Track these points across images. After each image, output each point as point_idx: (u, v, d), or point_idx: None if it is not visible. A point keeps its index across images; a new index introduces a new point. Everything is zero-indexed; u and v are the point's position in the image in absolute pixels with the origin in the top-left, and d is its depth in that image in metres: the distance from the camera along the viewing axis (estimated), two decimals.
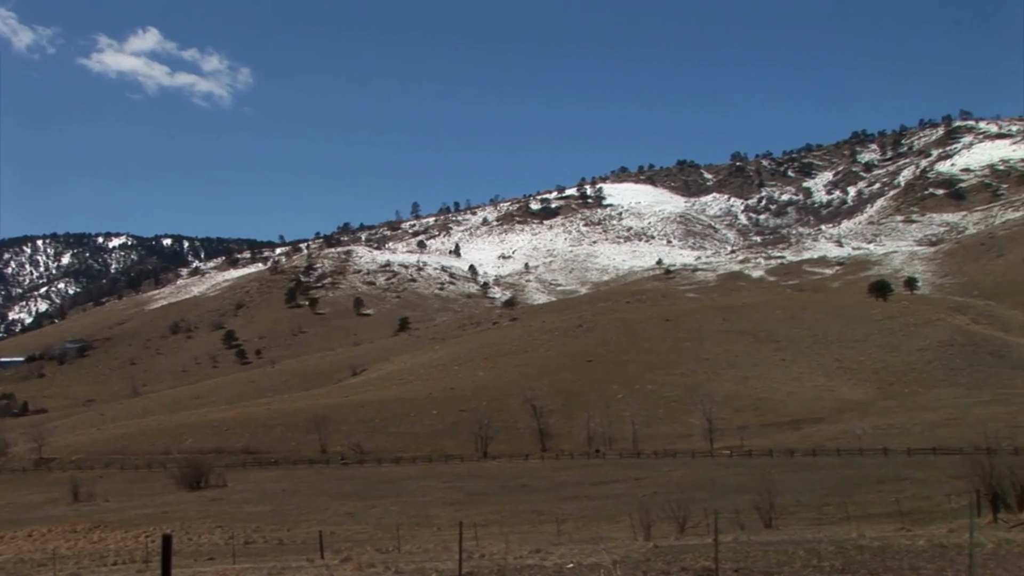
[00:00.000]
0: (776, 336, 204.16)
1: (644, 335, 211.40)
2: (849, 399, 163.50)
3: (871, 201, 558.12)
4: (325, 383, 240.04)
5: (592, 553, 31.30)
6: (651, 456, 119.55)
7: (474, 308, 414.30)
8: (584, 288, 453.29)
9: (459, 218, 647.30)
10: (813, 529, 45.35)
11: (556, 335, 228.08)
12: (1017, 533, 32.70)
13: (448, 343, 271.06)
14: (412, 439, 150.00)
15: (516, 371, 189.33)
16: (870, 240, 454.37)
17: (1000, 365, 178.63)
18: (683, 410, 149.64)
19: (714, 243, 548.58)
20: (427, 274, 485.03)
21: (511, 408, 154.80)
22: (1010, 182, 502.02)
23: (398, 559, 35.66)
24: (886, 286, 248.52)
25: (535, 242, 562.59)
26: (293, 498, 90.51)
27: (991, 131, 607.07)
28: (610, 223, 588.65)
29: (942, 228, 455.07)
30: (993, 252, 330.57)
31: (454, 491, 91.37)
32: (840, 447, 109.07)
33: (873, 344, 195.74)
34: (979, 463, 49.14)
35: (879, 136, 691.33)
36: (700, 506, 56.93)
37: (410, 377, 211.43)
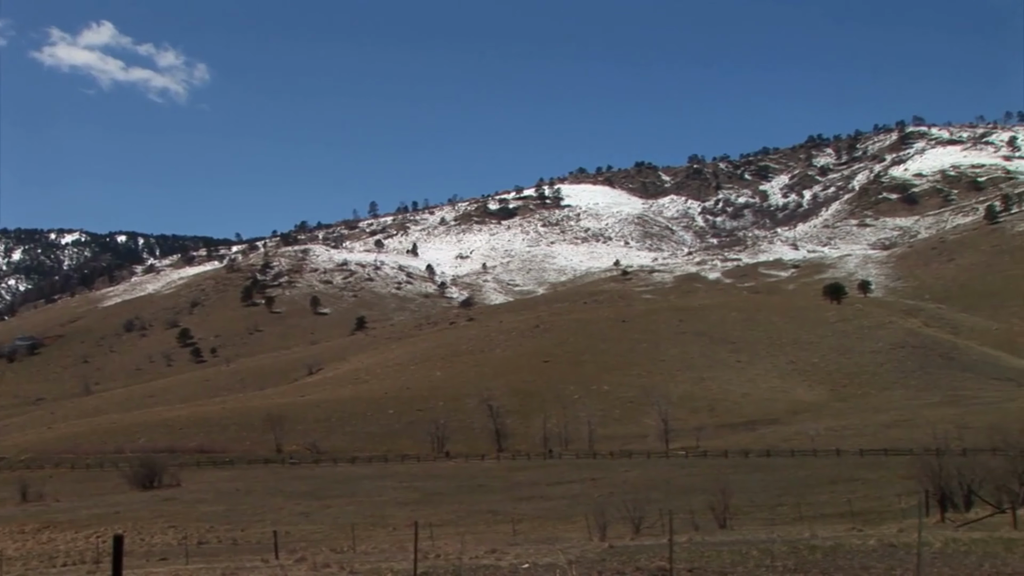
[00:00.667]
0: (732, 338, 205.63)
1: (601, 336, 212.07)
2: (803, 400, 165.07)
3: (826, 204, 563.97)
4: (281, 382, 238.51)
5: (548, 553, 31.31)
6: (607, 456, 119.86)
7: (431, 308, 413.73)
8: (541, 289, 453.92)
9: (417, 218, 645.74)
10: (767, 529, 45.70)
11: (513, 335, 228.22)
12: (964, 532, 33.16)
13: (405, 343, 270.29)
14: (368, 439, 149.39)
15: (473, 371, 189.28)
16: (825, 243, 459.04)
17: (950, 367, 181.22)
18: (639, 411, 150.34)
19: (671, 245, 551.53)
20: (384, 273, 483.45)
21: (468, 408, 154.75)
22: (961, 188, 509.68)
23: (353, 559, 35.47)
24: (840, 289, 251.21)
25: (493, 242, 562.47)
26: (248, 498, 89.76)
27: (943, 137, 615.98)
28: (568, 224, 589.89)
29: (895, 232, 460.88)
30: (944, 257, 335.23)
31: (410, 491, 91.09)
32: (794, 448, 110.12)
33: (827, 346, 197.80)
34: (928, 464, 49.81)
35: (834, 140, 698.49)
36: (655, 506, 57.18)
37: (366, 377, 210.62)
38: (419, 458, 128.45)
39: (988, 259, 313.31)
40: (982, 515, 41.51)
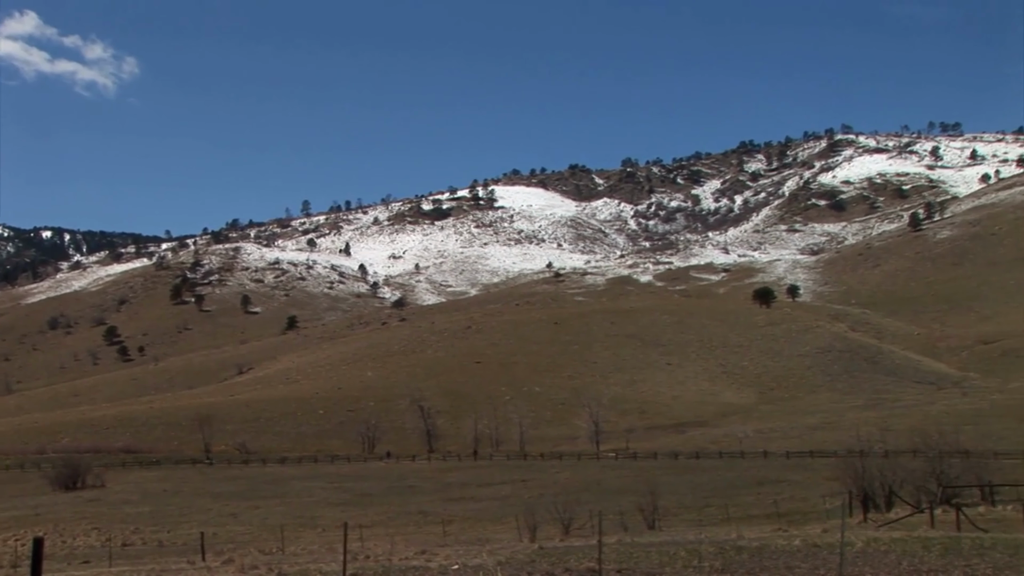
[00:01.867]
0: (663, 340, 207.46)
1: (533, 337, 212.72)
2: (732, 403, 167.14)
3: (757, 210, 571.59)
4: (210, 381, 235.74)
5: (477, 554, 31.36)
6: (537, 458, 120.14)
7: (363, 308, 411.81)
8: (474, 290, 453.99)
9: (350, 217, 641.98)
10: (695, 530, 46.20)
11: (445, 336, 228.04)
12: (884, 532, 33.87)
13: (337, 342, 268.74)
14: (298, 439, 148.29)
15: (404, 371, 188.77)
16: (755, 248, 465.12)
17: (874, 371, 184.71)
18: (570, 412, 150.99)
19: (604, 247, 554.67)
20: (317, 273, 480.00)
21: (399, 408, 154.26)
22: (886, 195, 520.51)
23: (282, 560, 35.19)
24: (769, 293, 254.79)
25: (426, 243, 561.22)
26: (174, 499, 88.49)
27: (870, 145, 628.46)
28: (501, 225, 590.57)
29: (823, 238, 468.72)
30: (870, 262, 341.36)
31: (340, 492, 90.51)
32: (722, 450, 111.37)
33: (756, 350, 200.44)
34: (852, 466, 50.78)
35: (765, 147, 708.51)
36: (585, 508, 57.45)
37: (297, 376, 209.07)
38: (349, 458, 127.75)
39: (911, 265, 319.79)
40: (902, 515, 42.44)
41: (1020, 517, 36.70)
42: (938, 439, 55.33)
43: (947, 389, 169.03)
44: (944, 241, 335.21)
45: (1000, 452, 75.93)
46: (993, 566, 22.82)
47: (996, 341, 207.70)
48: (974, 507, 43.86)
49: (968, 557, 24.46)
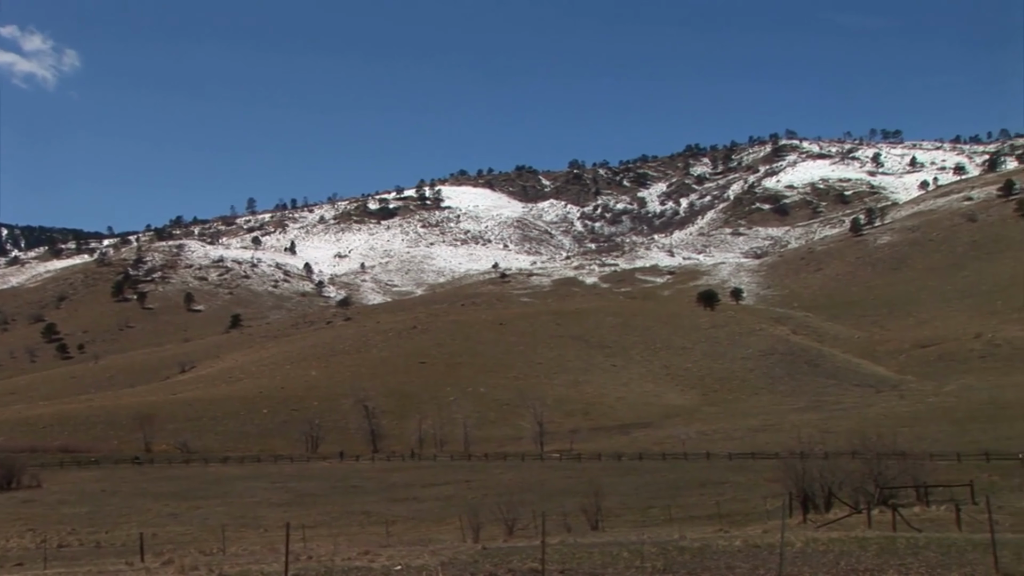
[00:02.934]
0: (607, 342, 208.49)
1: (478, 338, 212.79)
2: (676, 405, 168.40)
3: (702, 213, 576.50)
4: (152, 380, 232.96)
5: (420, 555, 31.34)
6: (482, 458, 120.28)
7: (308, 307, 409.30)
8: (420, 289, 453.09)
9: (296, 215, 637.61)
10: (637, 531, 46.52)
11: (390, 336, 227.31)
12: (823, 532, 34.38)
13: (281, 341, 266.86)
14: (241, 438, 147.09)
15: (349, 371, 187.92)
16: (700, 251, 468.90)
17: (815, 374, 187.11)
18: (514, 413, 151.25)
19: (550, 249, 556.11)
20: (261, 271, 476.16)
21: (343, 408, 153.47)
22: (829, 200, 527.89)
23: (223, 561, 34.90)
24: (713, 296, 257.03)
25: (372, 242, 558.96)
26: (113, 499, 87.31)
27: (813, 151, 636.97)
28: (448, 225, 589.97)
29: (767, 242, 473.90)
30: (812, 267, 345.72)
31: (283, 492, 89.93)
32: (666, 451, 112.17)
33: (700, 352, 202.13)
34: (792, 467, 51.33)
35: (711, 150, 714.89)
36: (529, 508, 57.60)
37: (241, 375, 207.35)
38: (293, 458, 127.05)
39: (852, 270, 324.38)
40: (840, 516, 43.05)
41: (953, 517, 37.44)
42: (876, 441, 56.19)
43: (885, 392, 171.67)
44: (884, 246, 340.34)
45: (935, 454, 77.22)
46: (926, 565, 23.28)
47: (932, 345, 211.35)
48: (910, 507, 44.61)
49: (903, 556, 24.92)
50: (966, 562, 23.46)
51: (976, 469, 74.63)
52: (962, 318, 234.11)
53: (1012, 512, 41.91)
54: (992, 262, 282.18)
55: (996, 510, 32.54)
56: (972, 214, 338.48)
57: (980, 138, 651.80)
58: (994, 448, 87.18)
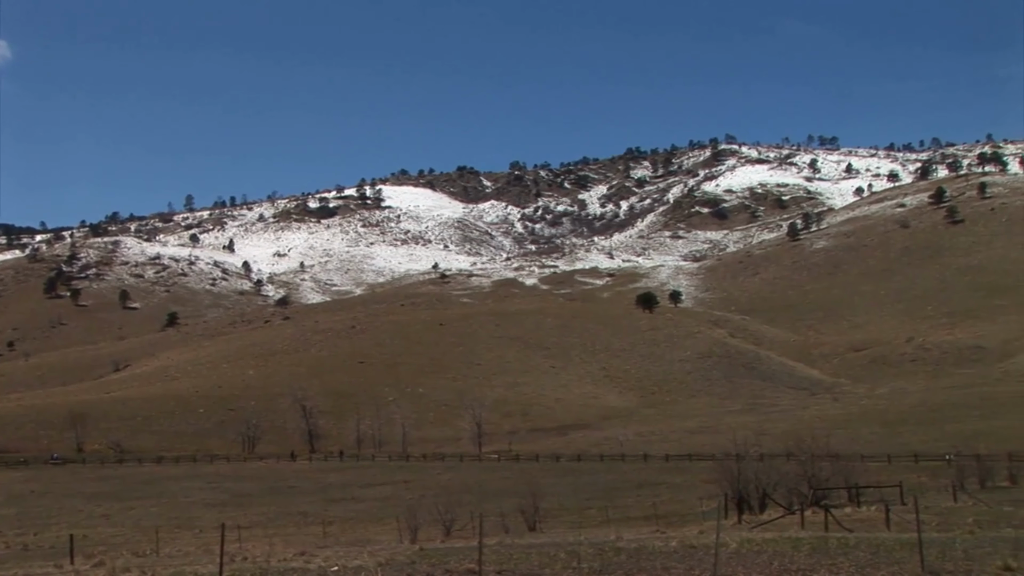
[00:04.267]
0: (547, 343, 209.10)
1: (417, 338, 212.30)
2: (614, 406, 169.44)
3: (642, 216, 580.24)
4: (85, 378, 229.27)
5: (357, 556, 31.23)
6: (420, 459, 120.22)
7: (247, 305, 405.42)
8: (359, 289, 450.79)
9: (235, 213, 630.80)
10: (575, 532, 46.69)
11: (329, 335, 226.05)
12: (757, 533, 34.81)
13: (218, 340, 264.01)
14: (176, 438, 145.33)
15: (287, 371, 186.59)
16: (639, 253, 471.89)
17: (752, 376, 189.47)
18: (453, 414, 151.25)
19: (490, 250, 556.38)
20: (199, 269, 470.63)
21: (280, 408, 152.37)
22: (767, 205, 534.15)
23: (155, 563, 34.50)
24: (652, 298, 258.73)
25: (312, 241, 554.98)
26: (43, 500, 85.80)
27: (752, 156, 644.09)
28: (388, 225, 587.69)
29: (706, 245, 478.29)
30: (750, 270, 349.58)
31: (218, 492, 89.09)
32: (604, 453, 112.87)
33: (638, 354, 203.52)
34: (728, 469, 51.92)
35: (652, 154, 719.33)
36: (467, 509, 57.63)
37: (176, 374, 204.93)
38: (229, 458, 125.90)
39: (789, 274, 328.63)
40: (775, 516, 43.63)
41: (882, 517, 38.14)
42: (810, 443, 57.00)
43: (820, 395, 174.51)
44: (820, 251, 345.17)
45: (867, 455, 78.66)
46: (856, 564, 23.70)
47: (865, 349, 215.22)
48: (842, 508, 45.34)
49: (834, 556, 25.33)
50: (894, 561, 23.92)
51: (906, 470, 76.18)
52: (894, 322, 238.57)
53: (939, 512, 42.79)
54: (923, 268, 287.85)
55: (923, 510, 33.23)
56: (905, 221, 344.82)
57: (913, 146, 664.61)
58: (923, 450, 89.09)
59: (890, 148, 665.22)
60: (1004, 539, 28.13)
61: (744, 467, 52.52)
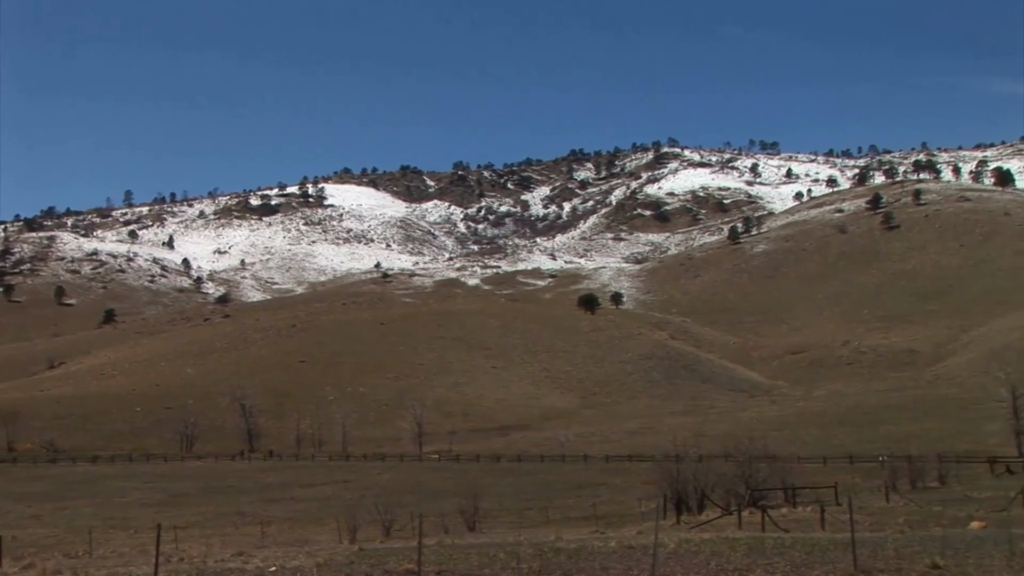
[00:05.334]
0: (488, 344, 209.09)
1: (359, 338, 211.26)
2: (555, 407, 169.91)
3: (584, 217, 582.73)
4: (18, 376, 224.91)
5: (296, 556, 31.08)
6: (360, 459, 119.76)
7: (186, 303, 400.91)
8: (301, 288, 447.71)
9: (174, 210, 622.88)
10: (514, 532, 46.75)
11: (269, 334, 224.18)
12: (695, 533, 35.19)
13: (156, 338, 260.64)
14: (112, 437, 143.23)
15: (226, 369, 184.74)
16: (582, 255, 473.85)
17: (692, 378, 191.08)
18: (394, 414, 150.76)
19: (433, 249, 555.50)
20: (137, 265, 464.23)
21: (219, 407, 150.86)
22: (708, 208, 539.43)
23: (88, 564, 34.05)
24: (594, 300, 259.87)
25: (253, 238, 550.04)
26: None
27: (694, 159, 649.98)
28: (330, 224, 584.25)
29: (647, 247, 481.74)
30: (691, 273, 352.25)
31: (155, 492, 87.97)
32: (544, 453, 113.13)
33: (580, 355, 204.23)
34: (667, 470, 52.34)
35: (595, 156, 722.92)
36: (407, 509, 57.51)
37: (113, 372, 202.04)
38: (166, 457, 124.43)
39: (729, 277, 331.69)
40: (712, 517, 44.10)
41: (818, 517, 38.73)
42: (748, 444, 57.76)
43: (758, 397, 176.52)
44: (760, 255, 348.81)
45: (803, 457, 79.85)
46: (791, 564, 24.06)
47: (803, 352, 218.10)
48: (778, 508, 45.96)
49: (770, 556, 25.68)
50: (828, 560, 24.33)
51: (841, 471, 77.38)
52: (831, 326, 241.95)
53: (872, 512, 43.55)
54: (860, 272, 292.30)
55: (857, 510, 33.81)
56: (842, 225, 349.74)
57: (851, 152, 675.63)
58: (857, 451, 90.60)
59: (829, 154, 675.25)
60: (933, 538, 28.71)
61: (683, 468, 53.00)
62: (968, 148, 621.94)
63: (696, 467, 55.15)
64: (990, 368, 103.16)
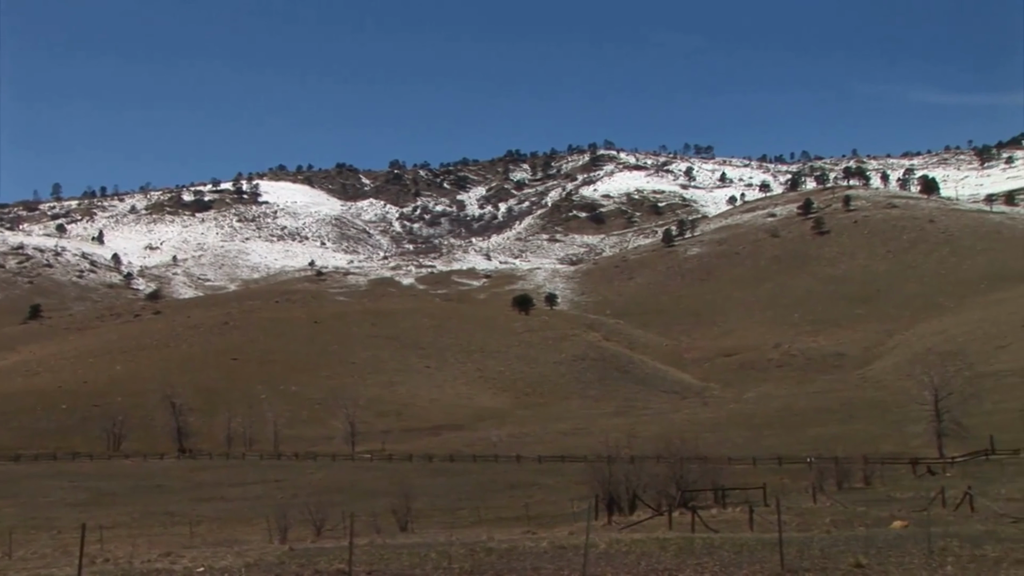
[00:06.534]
0: (422, 343, 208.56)
1: (292, 336, 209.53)
2: (488, 407, 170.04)
3: (520, 218, 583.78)
4: None
5: (225, 556, 30.80)
6: (292, 458, 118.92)
7: (116, 299, 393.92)
8: (233, 285, 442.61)
9: (105, 204, 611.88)
10: (447, 532, 46.82)
11: (201, 331, 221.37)
12: (626, 534, 35.50)
13: (84, 334, 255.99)
14: (37, 435, 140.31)
15: (156, 366, 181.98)
16: (517, 255, 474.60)
17: (625, 380, 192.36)
18: (327, 413, 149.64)
19: (368, 248, 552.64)
20: (66, 260, 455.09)
21: (149, 405, 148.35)
22: (643, 211, 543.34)
23: (8, 567, 33.42)
24: (528, 300, 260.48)
25: (185, 234, 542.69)
26: None
27: (630, 162, 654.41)
28: (264, 221, 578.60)
29: (582, 249, 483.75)
30: (625, 275, 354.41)
31: (80, 491, 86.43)
32: (477, 453, 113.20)
33: (513, 355, 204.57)
34: (600, 471, 52.72)
35: (531, 157, 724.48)
36: (339, 509, 57.22)
37: (38, 369, 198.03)
38: (92, 456, 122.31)
39: (663, 279, 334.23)
40: (644, 518, 44.51)
41: (746, 518, 39.23)
42: (679, 446, 58.25)
43: (690, 398, 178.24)
44: (693, 258, 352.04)
45: (733, 458, 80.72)
46: (720, 564, 24.39)
47: (735, 354, 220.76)
48: (708, 509, 46.45)
49: (699, 556, 26.00)
50: (756, 560, 24.69)
51: (770, 472, 78.47)
52: (763, 329, 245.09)
53: (799, 513, 44.25)
54: (791, 276, 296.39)
55: (785, 511, 34.33)
56: (775, 230, 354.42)
57: (784, 158, 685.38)
58: (786, 452, 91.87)
59: (763, 159, 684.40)
60: (857, 538, 29.29)
61: (615, 469, 53.41)
62: (896, 156, 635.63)
63: (628, 468, 55.58)
64: (914, 371, 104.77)
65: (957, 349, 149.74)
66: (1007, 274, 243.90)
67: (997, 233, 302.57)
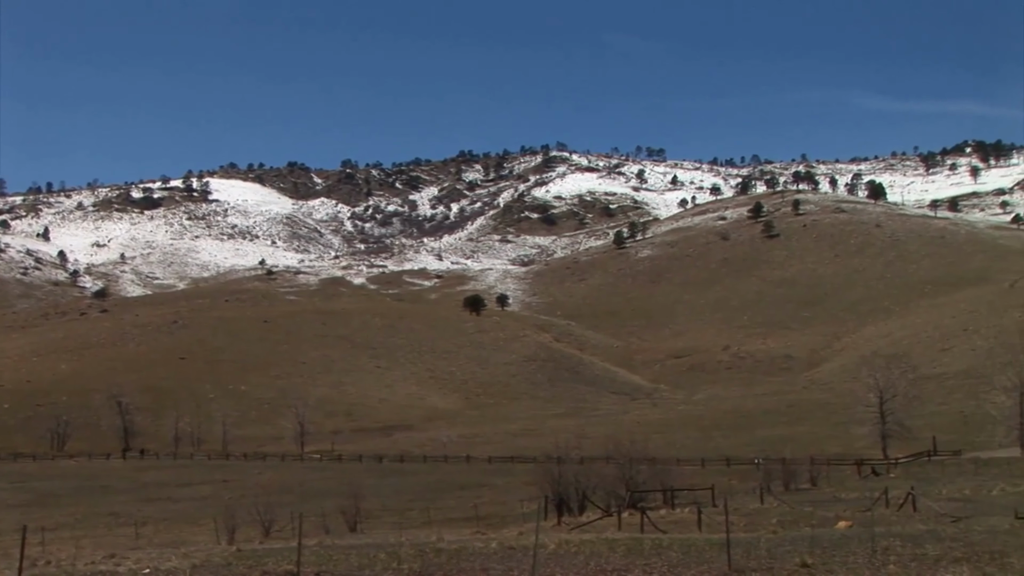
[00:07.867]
0: (373, 343, 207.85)
1: (241, 335, 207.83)
2: (439, 408, 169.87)
3: (472, 219, 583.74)
4: None
5: (170, 558, 30.49)
6: (240, 458, 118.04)
7: (61, 297, 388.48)
8: (183, 283, 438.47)
9: (51, 200, 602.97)
10: (396, 533, 46.65)
11: (149, 330, 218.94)
12: (576, 534, 35.62)
13: (28, 332, 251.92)
14: None
15: (103, 365, 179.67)
16: (469, 256, 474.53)
17: (575, 381, 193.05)
18: (276, 413, 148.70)
19: (319, 247, 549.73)
20: (9, 257, 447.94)
21: (94, 404, 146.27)
22: (595, 213, 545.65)
23: None
24: (480, 301, 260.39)
25: (134, 232, 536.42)
26: None
27: (582, 164, 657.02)
28: (214, 219, 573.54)
29: (534, 250, 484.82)
30: (576, 276, 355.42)
31: (22, 492, 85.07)
32: (427, 454, 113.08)
33: (464, 356, 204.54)
34: (549, 471, 52.78)
35: (484, 157, 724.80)
36: (287, 509, 56.82)
37: None
38: (35, 456, 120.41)
39: (614, 281, 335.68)
40: (593, 518, 44.66)
41: (695, 519, 39.51)
42: (629, 447, 58.47)
43: (640, 400, 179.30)
44: (644, 260, 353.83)
45: (682, 459, 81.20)
46: (668, 564, 24.53)
47: (685, 356, 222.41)
48: (657, 510, 46.70)
49: (648, 556, 26.13)
50: (704, 560, 24.87)
51: (718, 473, 79.13)
52: (712, 331, 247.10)
53: (746, 513, 44.61)
54: (741, 279, 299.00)
55: (732, 512, 34.61)
56: (725, 233, 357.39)
57: (735, 162, 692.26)
58: (734, 454, 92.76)
59: (714, 162, 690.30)
60: (803, 538, 29.60)
61: (565, 470, 53.51)
62: (844, 161, 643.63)
63: (577, 469, 55.76)
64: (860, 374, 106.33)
65: (902, 352, 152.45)
66: (951, 279, 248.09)
67: (941, 238, 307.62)
